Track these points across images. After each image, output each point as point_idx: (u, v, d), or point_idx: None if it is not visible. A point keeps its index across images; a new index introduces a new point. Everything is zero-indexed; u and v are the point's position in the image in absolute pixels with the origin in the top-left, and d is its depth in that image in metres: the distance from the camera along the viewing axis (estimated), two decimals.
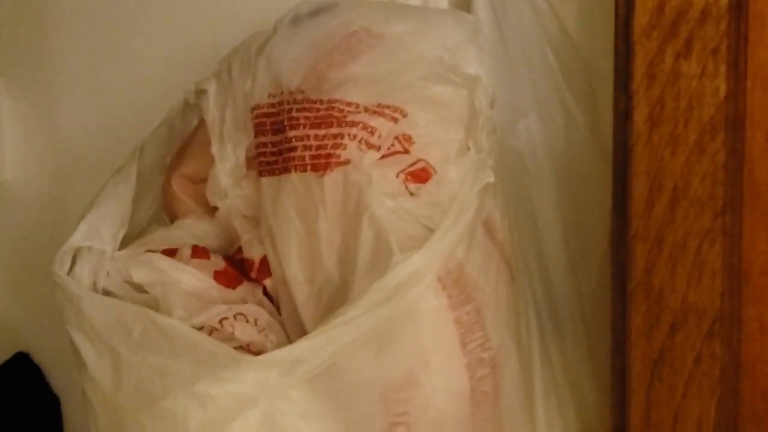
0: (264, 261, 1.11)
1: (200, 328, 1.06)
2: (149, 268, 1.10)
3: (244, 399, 0.99)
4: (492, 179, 1.07)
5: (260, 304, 1.10)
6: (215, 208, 1.16)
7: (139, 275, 1.09)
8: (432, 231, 1.04)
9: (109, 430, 1.04)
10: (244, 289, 1.12)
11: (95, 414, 1.05)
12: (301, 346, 1.00)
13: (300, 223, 1.06)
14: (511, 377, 1.08)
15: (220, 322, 1.07)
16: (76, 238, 1.09)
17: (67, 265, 1.09)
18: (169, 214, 1.19)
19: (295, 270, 1.06)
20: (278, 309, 1.11)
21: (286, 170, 1.07)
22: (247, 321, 1.08)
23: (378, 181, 1.04)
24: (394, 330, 1.02)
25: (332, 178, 1.05)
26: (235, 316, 1.07)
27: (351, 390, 1.02)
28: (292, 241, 1.06)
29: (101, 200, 1.13)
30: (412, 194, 1.05)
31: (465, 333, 1.05)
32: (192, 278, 1.10)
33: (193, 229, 1.16)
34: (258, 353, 1.03)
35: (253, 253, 1.12)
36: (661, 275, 1.02)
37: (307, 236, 1.06)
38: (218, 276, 1.12)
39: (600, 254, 1.19)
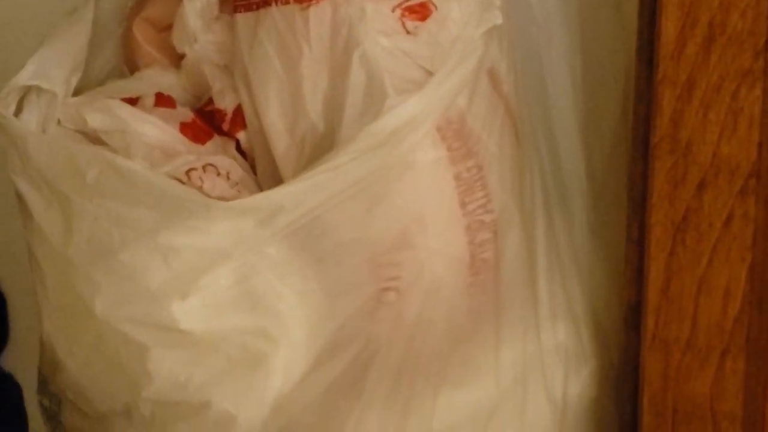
0: (238, 111, 1.00)
1: None
2: (107, 114, 0.98)
3: (215, 253, 0.89)
4: (499, 21, 0.96)
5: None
6: (181, 57, 1.04)
7: (95, 121, 0.97)
8: (431, 74, 0.94)
9: (58, 289, 0.93)
10: (214, 144, 1.00)
11: (42, 273, 0.94)
12: (280, 192, 0.89)
13: (280, 64, 0.96)
14: (513, 246, 0.99)
15: (187, 173, 0.95)
16: (23, 77, 0.97)
17: (12, 107, 0.97)
18: (130, 66, 1.07)
19: (274, 118, 0.96)
20: (253, 167, 1.00)
21: (266, 3, 0.96)
22: (218, 174, 0.96)
23: (372, 15, 0.94)
24: (387, 183, 0.92)
25: (318, 11, 0.94)
26: (204, 168, 0.96)
27: (336, 249, 0.92)
28: (270, 84, 0.96)
29: (52, 40, 1.01)
30: (409, 33, 0.95)
31: (465, 191, 0.95)
32: (155, 129, 0.99)
33: (156, 81, 1.04)
34: None
35: (225, 102, 1.00)
36: (691, 125, 0.91)
37: (288, 79, 0.95)
38: (185, 129, 1.00)
39: (614, 120, 1.08)
